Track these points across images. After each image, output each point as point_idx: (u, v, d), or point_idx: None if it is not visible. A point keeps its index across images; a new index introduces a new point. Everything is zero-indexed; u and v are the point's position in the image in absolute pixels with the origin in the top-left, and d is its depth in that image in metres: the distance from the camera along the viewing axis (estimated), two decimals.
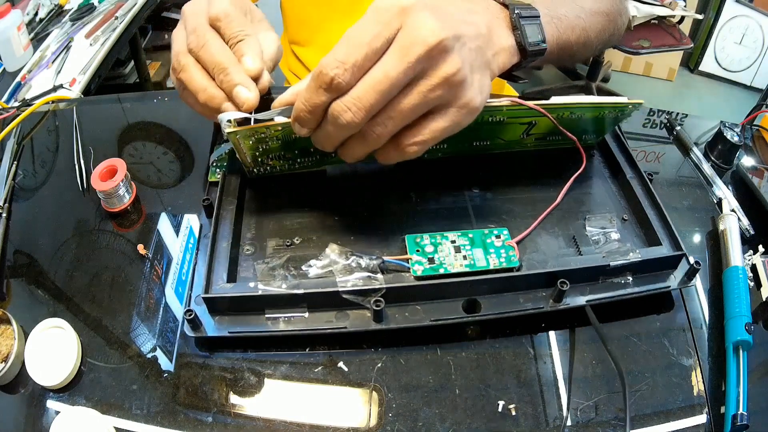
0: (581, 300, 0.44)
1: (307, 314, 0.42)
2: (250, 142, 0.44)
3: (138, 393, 0.41)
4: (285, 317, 0.42)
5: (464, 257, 0.44)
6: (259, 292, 0.41)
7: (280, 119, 0.42)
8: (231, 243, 0.45)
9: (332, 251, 0.44)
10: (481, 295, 0.44)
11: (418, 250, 0.45)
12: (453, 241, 0.45)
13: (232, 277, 0.44)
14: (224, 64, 0.42)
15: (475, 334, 0.45)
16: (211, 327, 0.42)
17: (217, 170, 0.52)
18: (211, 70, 0.42)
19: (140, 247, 0.46)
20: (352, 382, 0.42)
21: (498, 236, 0.46)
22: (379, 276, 0.42)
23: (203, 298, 0.42)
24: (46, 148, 0.61)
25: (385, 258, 0.44)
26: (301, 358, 0.43)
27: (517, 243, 0.46)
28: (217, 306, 0.42)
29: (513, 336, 0.45)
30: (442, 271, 0.43)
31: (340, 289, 0.41)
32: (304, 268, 0.44)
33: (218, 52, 0.42)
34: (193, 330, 0.42)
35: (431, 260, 0.44)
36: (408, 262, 0.44)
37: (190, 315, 0.41)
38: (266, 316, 0.42)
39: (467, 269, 0.44)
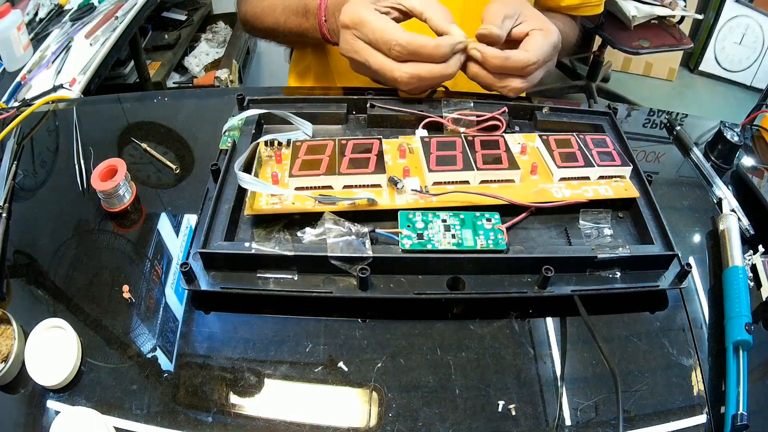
0: (566, 289, 0.44)
1: (296, 277, 0.44)
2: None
3: (138, 393, 0.41)
4: (275, 278, 0.44)
5: (453, 236, 0.45)
6: (252, 251, 0.43)
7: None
8: (233, 206, 0.47)
9: (327, 219, 0.45)
10: (467, 275, 0.45)
11: (408, 225, 0.46)
12: (444, 220, 0.46)
13: (230, 237, 0.46)
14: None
15: (459, 312, 0.46)
16: (205, 282, 0.44)
17: (228, 139, 0.55)
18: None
19: (125, 289, 0.47)
20: (352, 382, 0.42)
21: (489, 219, 0.47)
22: (368, 245, 0.44)
23: (200, 252, 0.43)
24: (46, 148, 0.61)
25: (377, 230, 0.45)
26: (301, 358, 0.43)
27: (507, 229, 0.47)
28: (212, 262, 0.44)
29: (513, 335, 0.45)
30: (429, 246, 0.44)
31: (329, 254, 0.43)
32: (299, 234, 0.46)
33: None
34: (188, 283, 0.43)
35: (420, 236, 0.45)
36: (398, 236, 0.45)
37: (185, 268, 0.42)
38: (258, 275, 0.44)
39: (454, 247, 0.45)
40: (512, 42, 0.57)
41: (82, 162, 0.58)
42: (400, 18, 0.56)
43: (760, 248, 0.53)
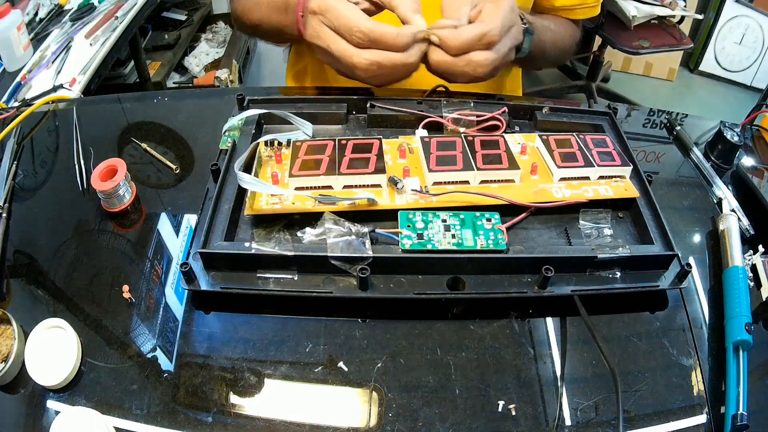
0: (566, 289, 0.44)
1: (296, 277, 0.44)
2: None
3: (138, 393, 0.41)
4: (275, 278, 0.44)
5: (453, 236, 0.45)
6: (252, 251, 0.43)
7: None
8: (233, 206, 0.47)
9: (327, 219, 0.45)
10: (467, 275, 0.45)
11: (408, 225, 0.46)
12: (444, 220, 0.47)
13: (230, 237, 0.46)
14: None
15: (459, 312, 0.46)
16: (205, 282, 0.44)
17: (228, 139, 0.55)
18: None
19: (125, 289, 0.47)
20: (352, 382, 0.42)
21: (489, 219, 0.47)
22: (368, 245, 0.44)
23: (200, 252, 0.44)
24: (46, 148, 0.61)
25: (377, 230, 0.45)
26: (301, 358, 0.43)
27: (507, 229, 0.47)
28: (212, 262, 0.44)
29: (513, 335, 0.45)
30: (429, 246, 0.45)
31: (329, 254, 0.43)
32: (299, 234, 0.46)
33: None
34: (188, 283, 0.43)
35: (420, 236, 0.45)
36: (398, 236, 0.45)
37: (185, 268, 0.42)
38: (258, 275, 0.44)
39: (454, 247, 0.45)
40: None
41: (82, 162, 0.58)
42: (371, 10, 0.56)
43: (760, 248, 0.53)
